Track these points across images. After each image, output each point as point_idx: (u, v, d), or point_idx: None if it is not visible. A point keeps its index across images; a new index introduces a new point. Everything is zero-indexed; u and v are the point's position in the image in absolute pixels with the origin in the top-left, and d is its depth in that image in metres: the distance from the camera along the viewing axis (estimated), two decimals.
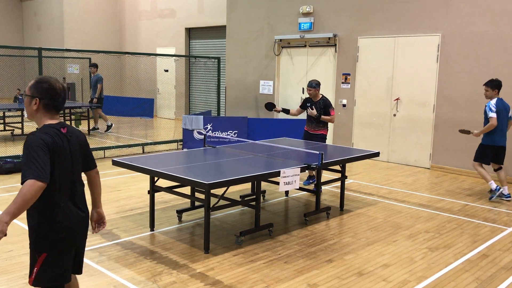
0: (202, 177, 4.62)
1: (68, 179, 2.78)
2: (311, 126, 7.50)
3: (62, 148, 2.72)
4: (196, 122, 9.91)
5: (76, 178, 2.86)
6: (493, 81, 7.03)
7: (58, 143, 2.69)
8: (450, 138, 9.07)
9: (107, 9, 19.17)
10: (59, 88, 2.77)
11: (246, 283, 4.15)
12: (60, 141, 2.71)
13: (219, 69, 11.86)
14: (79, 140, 2.91)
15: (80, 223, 2.85)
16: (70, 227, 2.76)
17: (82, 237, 2.93)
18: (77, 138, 2.88)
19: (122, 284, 4.07)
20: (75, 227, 2.80)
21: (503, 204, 6.94)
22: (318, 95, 7.40)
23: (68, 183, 2.78)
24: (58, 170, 2.69)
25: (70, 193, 2.79)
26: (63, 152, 2.72)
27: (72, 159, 2.81)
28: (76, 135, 2.89)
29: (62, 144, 2.72)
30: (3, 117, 12.42)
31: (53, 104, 2.76)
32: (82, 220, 2.87)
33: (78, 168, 2.90)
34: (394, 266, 4.60)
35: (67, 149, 2.76)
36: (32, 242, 2.72)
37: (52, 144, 2.65)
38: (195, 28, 16.40)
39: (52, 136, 2.67)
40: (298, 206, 6.64)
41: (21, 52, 18.59)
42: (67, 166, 2.76)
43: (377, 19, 9.94)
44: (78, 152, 2.88)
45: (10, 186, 7.26)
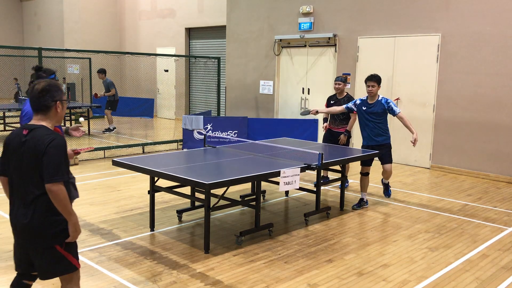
0: (202, 177, 4.62)
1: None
2: (334, 123, 7.37)
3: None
4: (196, 122, 9.91)
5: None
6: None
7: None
8: (450, 138, 9.08)
9: (107, 9, 19.17)
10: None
11: (246, 283, 4.15)
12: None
13: (219, 69, 11.86)
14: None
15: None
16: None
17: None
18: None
19: (122, 284, 4.07)
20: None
21: (502, 204, 6.94)
22: (343, 92, 7.30)
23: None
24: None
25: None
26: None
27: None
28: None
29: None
30: (3, 117, 12.42)
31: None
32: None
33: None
34: (394, 266, 4.60)
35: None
36: (52, 237, 2.82)
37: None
38: (195, 28, 16.40)
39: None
40: (298, 206, 6.64)
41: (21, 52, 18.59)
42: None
43: (377, 19, 9.94)
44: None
45: None
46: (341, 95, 7.30)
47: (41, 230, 2.80)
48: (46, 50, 9.14)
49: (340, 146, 7.00)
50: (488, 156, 8.62)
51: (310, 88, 11.40)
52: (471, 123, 8.80)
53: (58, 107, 2.91)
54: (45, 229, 2.81)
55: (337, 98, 7.31)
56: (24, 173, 2.82)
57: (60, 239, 2.86)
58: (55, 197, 2.75)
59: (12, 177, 2.90)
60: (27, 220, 2.80)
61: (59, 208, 2.78)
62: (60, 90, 2.96)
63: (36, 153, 2.76)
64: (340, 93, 7.30)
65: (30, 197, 2.81)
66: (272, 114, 12.12)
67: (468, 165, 8.89)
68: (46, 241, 2.83)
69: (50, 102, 2.88)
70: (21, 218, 2.82)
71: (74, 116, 13.89)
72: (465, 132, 8.88)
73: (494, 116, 8.51)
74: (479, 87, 8.68)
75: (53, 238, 2.84)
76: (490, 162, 8.60)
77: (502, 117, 8.43)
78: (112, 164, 5.39)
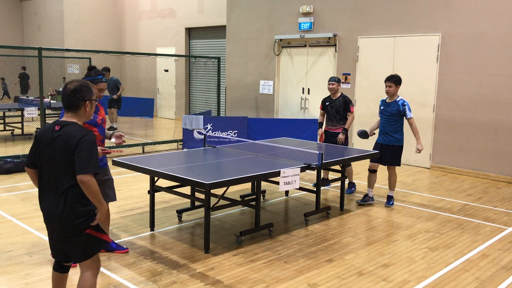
0: (202, 177, 4.62)
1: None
2: (331, 124, 7.32)
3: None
4: (196, 122, 9.91)
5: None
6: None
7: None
8: (450, 138, 9.08)
9: (107, 9, 19.17)
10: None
11: (246, 283, 4.15)
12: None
13: (219, 69, 11.86)
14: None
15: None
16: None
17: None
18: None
19: (122, 284, 4.07)
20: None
21: (502, 204, 6.94)
22: (338, 92, 7.26)
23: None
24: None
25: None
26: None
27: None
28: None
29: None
30: (3, 117, 12.42)
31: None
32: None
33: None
34: (394, 266, 4.60)
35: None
36: (84, 223, 3.01)
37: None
38: (195, 28, 16.40)
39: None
40: (298, 206, 6.64)
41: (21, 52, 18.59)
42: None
43: (377, 19, 9.94)
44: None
45: (10, 186, 7.26)
46: (335, 96, 7.26)
47: (72, 219, 2.98)
48: (46, 50, 9.14)
49: (340, 146, 6.99)
50: (488, 156, 8.62)
51: (310, 88, 11.40)
52: (471, 123, 8.80)
53: (87, 106, 3.12)
54: (76, 218, 2.99)
55: (332, 99, 7.29)
56: (56, 165, 2.99)
57: (89, 225, 3.05)
58: (87, 187, 2.94)
59: (43, 169, 3.06)
60: (59, 210, 2.98)
61: (90, 197, 2.98)
62: (91, 91, 3.13)
63: (68, 147, 2.96)
64: (334, 94, 7.25)
65: (61, 189, 2.98)
66: (272, 114, 12.12)
67: (468, 165, 8.89)
68: (78, 228, 3.01)
69: (80, 101, 3.08)
70: (53, 208, 3.00)
71: None
72: (465, 132, 8.88)
73: (494, 116, 8.51)
74: (479, 87, 8.68)
75: (83, 226, 3.02)
76: (490, 162, 8.60)
77: (502, 117, 8.43)
78: (112, 164, 5.39)
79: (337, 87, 7.22)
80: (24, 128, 12.48)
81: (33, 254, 4.66)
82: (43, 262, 4.47)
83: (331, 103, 7.27)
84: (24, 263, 4.43)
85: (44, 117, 9.29)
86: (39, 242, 4.98)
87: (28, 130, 12.77)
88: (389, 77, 6.56)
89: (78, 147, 2.93)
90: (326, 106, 7.35)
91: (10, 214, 5.87)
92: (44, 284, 4.03)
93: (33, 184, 7.38)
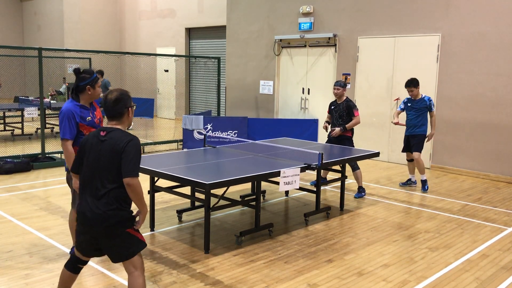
0: (202, 177, 4.62)
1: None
2: (334, 127, 7.27)
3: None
4: (196, 122, 9.91)
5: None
6: None
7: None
8: (450, 138, 9.08)
9: (107, 9, 19.17)
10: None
11: (246, 283, 4.15)
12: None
13: (219, 69, 11.86)
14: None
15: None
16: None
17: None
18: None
19: (122, 284, 4.07)
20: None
21: (502, 204, 6.94)
22: (343, 96, 7.23)
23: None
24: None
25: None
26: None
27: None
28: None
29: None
30: (3, 117, 12.42)
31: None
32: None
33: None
34: (394, 266, 4.60)
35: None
36: (124, 223, 3.15)
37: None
38: (195, 28, 16.40)
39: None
40: (298, 206, 6.64)
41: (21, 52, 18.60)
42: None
43: (377, 19, 9.94)
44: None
45: (10, 186, 7.27)
46: (340, 100, 7.25)
47: (114, 219, 3.10)
48: (46, 50, 9.14)
49: (340, 146, 6.99)
50: (488, 156, 8.62)
51: (310, 88, 11.40)
52: (471, 123, 8.80)
53: (130, 112, 3.30)
54: (117, 217, 3.11)
55: (337, 103, 7.28)
56: (99, 169, 3.13)
57: (129, 223, 3.19)
58: (133, 190, 3.11)
59: (85, 173, 3.20)
60: (101, 211, 3.09)
61: (135, 199, 3.16)
62: (129, 97, 3.32)
63: (115, 151, 3.10)
64: (340, 98, 7.25)
65: (103, 191, 3.10)
66: (272, 114, 12.12)
67: (468, 165, 8.89)
68: (119, 228, 3.14)
69: (123, 109, 3.26)
70: (94, 209, 3.10)
71: None
72: (465, 132, 8.88)
73: (494, 116, 8.51)
74: (479, 87, 8.68)
75: (124, 225, 3.16)
76: (490, 162, 8.60)
77: (502, 117, 8.44)
78: None
79: (342, 92, 7.18)
80: (24, 128, 12.48)
81: (33, 254, 4.66)
82: (43, 262, 4.47)
83: (336, 107, 7.26)
84: (24, 263, 4.43)
85: (44, 117, 9.29)
86: (39, 242, 4.98)
87: (28, 130, 12.77)
88: (408, 83, 7.44)
89: (125, 151, 3.08)
90: (331, 110, 7.35)
91: (10, 214, 5.87)
92: (44, 284, 4.03)
93: (33, 185, 7.39)
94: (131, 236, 3.20)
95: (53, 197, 6.71)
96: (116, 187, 3.11)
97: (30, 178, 7.81)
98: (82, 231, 3.23)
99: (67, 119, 4.20)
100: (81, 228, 3.22)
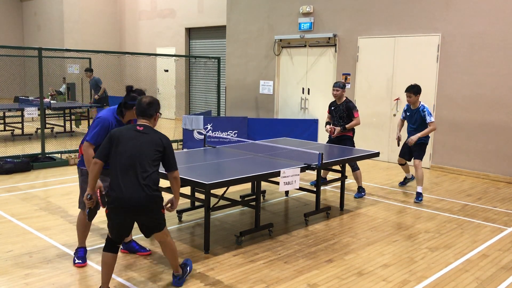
0: (202, 177, 4.62)
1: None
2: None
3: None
4: (196, 122, 9.92)
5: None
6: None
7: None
8: (450, 138, 9.08)
9: (107, 9, 19.17)
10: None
11: (246, 283, 4.15)
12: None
13: (219, 69, 11.86)
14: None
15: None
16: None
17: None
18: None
19: (122, 284, 4.07)
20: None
21: (502, 204, 6.94)
22: (343, 97, 7.20)
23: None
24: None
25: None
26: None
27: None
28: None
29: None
30: (3, 117, 12.42)
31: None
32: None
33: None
34: (394, 266, 4.60)
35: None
36: (160, 203, 3.75)
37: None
38: (195, 28, 16.40)
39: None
40: (298, 206, 6.64)
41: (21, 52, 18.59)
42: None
43: (377, 19, 9.94)
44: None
45: (10, 186, 7.27)
46: (340, 101, 7.23)
47: (155, 200, 3.67)
48: (46, 50, 9.14)
49: (340, 146, 6.99)
50: (488, 156, 8.62)
51: (310, 88, 11.40)
52: (471, 123, 8.80)
53: (157, 117, 3.89)
54: (157, 198, 3.69)
55: (337, 104, 7.27)
56: (142, 156, 3.63)
57: (162, 203, 3.78)
58: (177, 181, 3.86)
59: (121, 160, 3.62)
60: (145, 192, 3.58)
61: (177, 188, 3.88)
62: (159, 105, 3.90)
63: (154, 144, 3.69)
64: (339, 99, 7.24)
65: (145, 175, 3.60)
66: (272, 114, 12.13)
67: (468, 165, 8.89)
68: (158, 207, 3.73)
69: (153, 112, 3.84)
70: (137, 192, 3.56)
71: (74, 116, 13.89)
72: (465, 132, 8.88)
73: (494, 116, 8.51)
74: (479, 87, 8.68)
75: (161, 204, 3.76)
76: (490, 162, 8.60)
77: (502, 117, 8.44)
78: None
79: (341, 93, 7.15)
80: (24, 128, 12.49)
81: (33, 254, 4.66)
82: (43, 262, 4.47)
83: (336, 108, 7.25)
84: (24, 263, 4.43)
85: (44, 117, 9.29)
86: (39, 242, 4.98)
87: (28, 130, 12.77)
88: (408, 88, 7.07)
89: (167, 148, 3.72)
90: (331, 110, 7.34)
91: (10, 214, 5.87)
92: (44, 284, 4.03)
93: (33, 185, 7.40)
94: (162, 215, 3.81)
95: (53, 197, 6.71)
96: (154, 171, 3.65)
97: (30, 178, 7.81)
98: (122, 216, 3.63)
99: (102, 126, 4.16)
100: (121, 212, 3.60)
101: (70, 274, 4.22)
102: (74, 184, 7.40)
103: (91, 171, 3.79)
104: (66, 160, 8.93)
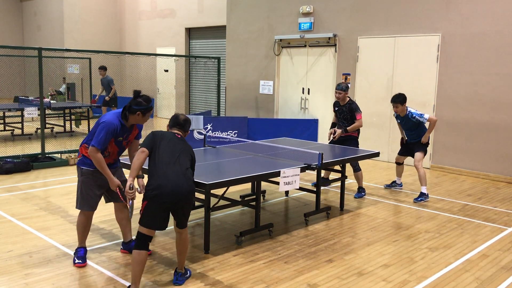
0: (202, 177, 4.62)
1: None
2: (341, 129, 7.20)
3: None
4: (196, 122, 9.91)
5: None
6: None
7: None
8: (450, 138, 9.08)
9: (107, 9, 19.17)
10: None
11: (246, 283, 4.15)
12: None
13: (219, 69, 11.86)
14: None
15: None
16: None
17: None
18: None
19: (122, 284, 4.07)
20: None
21: (502, 204, 6.94)
22: (346, 99, 7.18)
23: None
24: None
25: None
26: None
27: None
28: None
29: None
30: (3, 117, 12.42)
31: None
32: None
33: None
34: (394, 266, 4.60)
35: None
36: (193, 199, 4.21)
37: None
38: (195, 28, 16.40)
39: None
40: (298, 206, 6.64)
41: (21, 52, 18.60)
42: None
43: (377, 19, 9.94)
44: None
45: (10, 186, 7.27)
46: (343, 102, 7.23)
47: (193, 192, 4.02)
48: (46, 50, 9.14)
49: (340, 146, 6.98)
50: (488, 156, 8.62)
51: (310, 88, 11.40)
52: (471, 123, 8.80)
53: (186, 134, 4.31)
54: (194, 192, 4.08)
55: (340, 105, 7.27)
56: (183, 155, 4.02)
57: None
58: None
59: (165, 154, 3.96)
60: (187, 183, 3.88)
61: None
62: (191, 125, 4.41)
63: (190, 152, 4.13)
64: (342, 100, 7.23)
65: (183, 169, 3.93)
66: (272, 114, 12.13)
67: (468, 165, 8.89)
68: (193, 201, 4.06)
69: (188, 129, 4.31)
70: (181, 180, 3.85)
71: (74, 116, 13.89)
72: (465, 132, 8.88)
73: (494, 116, 8.51)
74: (479, 87, 8.68)
75: (194, 200, 4.20)
76: (490, 162, 8.60)
77: (502, 117, 8.44)
78: None
79: (344, 96, 7.12)
80: (24, 128, 12.48)
81: (33, 254, 4.66)
82: (43, 262, 4.48)
83: (339, 109, 7.24)
84: (24, 263, 4.43)
85: (44, 117, 9.29)
86: (39, 242, 4.98)
87: (28, 130, 12.77)
88: (394, 99, 7.00)
89: (194, 159, 4.14)
90: (336, 111, 7.33)
91: (10, 214, 5.87)
92: (44, 284, 4.03)
93: (33, 185, 7.40)
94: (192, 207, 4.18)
95: (53, 197, 6.71)
96: (190, 167, 4.04)
97: (30, 178, 7.81)
98: (164, 206, 3.84)
99: (107, 131, 4.19)
100: (161, 198, 3.79)
101: (70, 274, 4.22)
102: (74, 184, 7.39)
103: (137, 158, 3.93)
104: (66, 160, 8.93)
